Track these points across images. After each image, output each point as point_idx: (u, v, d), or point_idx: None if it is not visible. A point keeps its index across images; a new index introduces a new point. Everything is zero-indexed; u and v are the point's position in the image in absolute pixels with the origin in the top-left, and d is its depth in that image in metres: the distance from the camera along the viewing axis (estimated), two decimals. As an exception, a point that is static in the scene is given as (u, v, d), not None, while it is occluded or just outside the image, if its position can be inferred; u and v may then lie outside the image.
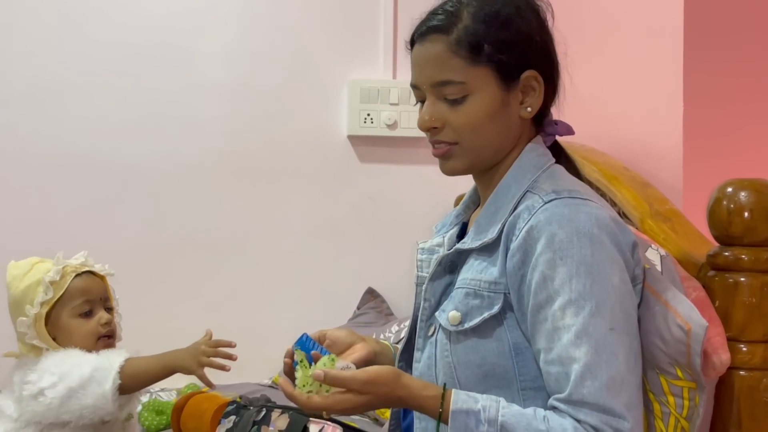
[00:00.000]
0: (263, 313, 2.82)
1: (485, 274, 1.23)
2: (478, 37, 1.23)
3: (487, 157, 1.29)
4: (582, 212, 1.18)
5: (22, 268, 1.65)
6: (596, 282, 1.15)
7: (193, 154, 2.80)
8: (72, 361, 1.57)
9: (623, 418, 1.11)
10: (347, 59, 2.86)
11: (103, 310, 1.65)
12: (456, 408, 1.15)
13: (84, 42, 2.75)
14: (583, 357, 1.12)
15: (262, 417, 1.38)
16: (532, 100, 1.27)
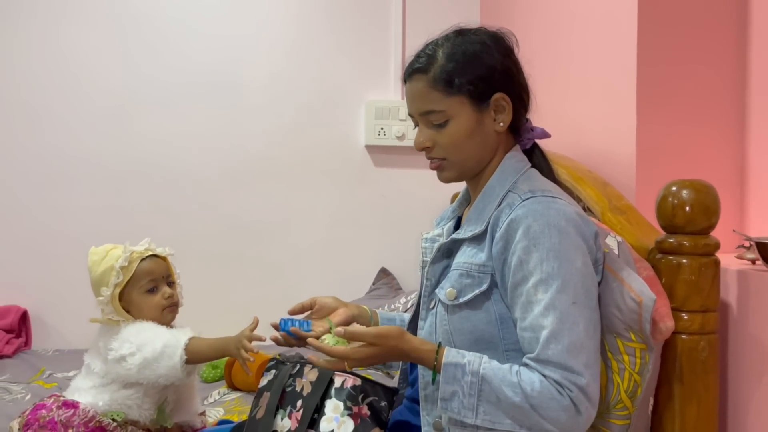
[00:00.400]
0: (296, 287, 2.82)
1: (475, 259, 1.23)
2: (450, 73, 1.24)
3: (471, 167, 1.29)
4: (552, 208, 1.18)
5: (99, 254, 1.64)
6: (562, 265, 1.14)
7: (241, 160, 2.80)
8: (147, 335, 1.56)
9: (581, 374, 1.11)
10: (365, 84, 2.84)
11: (165, 285, 1.64)
12: (447, 361, 1.16)
13: (155, 67, 2.75)
14: (549, 325, 1.12)
15: (296, 371, 1.38)
16: (503, 117, 1.27)
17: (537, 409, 1.11)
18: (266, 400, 1.36)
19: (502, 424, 1.14)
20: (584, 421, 1.13)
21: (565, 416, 1.11)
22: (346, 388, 1.31)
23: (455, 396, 1.15)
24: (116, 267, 1.59)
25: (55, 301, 2.68)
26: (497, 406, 1.14)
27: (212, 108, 2.78)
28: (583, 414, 1.12)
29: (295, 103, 2.82)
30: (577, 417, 1.12)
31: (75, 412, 1.57)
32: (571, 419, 1.12)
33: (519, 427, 1.14)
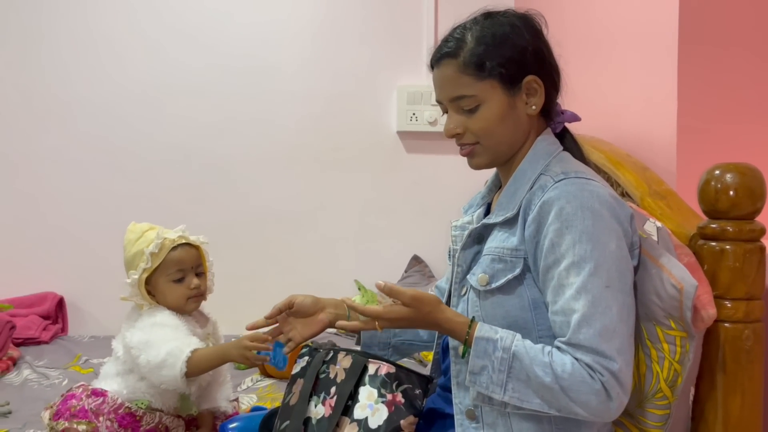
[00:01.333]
0: (329, 274, 2.84)
1: (507, 243, 1.22)
2: (480, 57, 1.22)
3: (504, 152, 1.28)
4: (586, 190, 1.17)
5: (135, 233, 1.65)
6: (595, 247, 1.13)
7: (274, 147, 2.82)
8: (155, 336, 1.56)
9: (613, 359, 1.10)
10: (396, 69, 2.83)
11: (193, 275, 1.64)
12: (479, 335, 1.16)
13: (186, 54, 2.77)
14: (581, 309, 1.12)
15: (330, 357, 1.38)
16: (535, 100, 1.25)
17: (567, 391, 1.11)
18: (300, 386, 1.37)
19: (530, 403, 1.14)
20: (615, 408, 1.12)
21: (596, 400, 1.10)
22: (380, 375, 1.32)
23: (485, 370, 1.15)
24: (147, 252, 1.60)
25: (91, 288, 2.74)
26: (527, 385, 1.13)
27: (243, 95, 2.79)
28: (615, 400, 1.11)
29: (326, 89, 2.82)
30: (608, 402, 1.11)
31: (104, 400, 1.60)
32: (602, 404, 1.11)
33: (548, 407, 1.13)
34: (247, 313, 2.75)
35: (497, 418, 1.21)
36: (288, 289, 2.81)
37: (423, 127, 2.82)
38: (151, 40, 2.75)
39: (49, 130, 2.75)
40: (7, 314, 2.51)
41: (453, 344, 1.27)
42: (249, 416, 1.63)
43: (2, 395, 2.04)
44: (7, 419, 1.88)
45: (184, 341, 1.56)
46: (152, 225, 1.68)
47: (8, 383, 2.18)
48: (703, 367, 1.29)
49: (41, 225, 2.74)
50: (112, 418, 1.58)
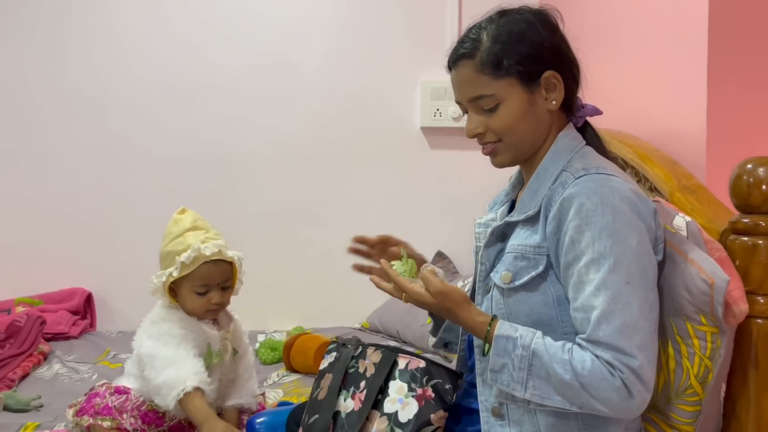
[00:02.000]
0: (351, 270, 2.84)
1: (530, 240, 1.22)
2: (497, 56, 1.22)
3: (526, 149, 1.28)
4: (606, 186, 1.16)
5: (178, 227, 1.63)
6: (615, 244, 1.13)
7: (296, 143, 2.83)
8: (160, 352, 1.54)
9: (633, 356, 1.10)
10: (420, 64, 2.83)
11: (218, 291, 1.62)
12: (498, 333, 1.18)
13: (211, 51, 2.79)
14: (600, 305, 1.11)
15: (359, 353, 1.39)
16: (555, 95, 1.25)
17: (587, 389, 1.11)
18: (328, 381, 1.38)
19: (552, 400, 1.14)
20: (637, 404, 1.12)
21: (617, 397, 1.10)
22: (410, 369, 1.33)
23: (505, 368, 1.16)
24: (178, 261, 1.58)
25: (118, 284, 2.78)
26: (547, 382, 1.14)
27: (267, 90, 2.81)
28: (636, 397, 1.11)
29: (350, 85, 2.83)
30: (629, 399, 1.10)
31: (127, 397, 1.61)
32: (623, 401, 1.10)
33: (569, 404, 1.14)
34: (270, 309, 2.82)
35: (523, 414, 1.21)
36: (311, 285, 2.88)
37: (447, 122, 2.81)
38: (176, 37, 2.78)
39: (76, 127, 2.79)
40: (37, 310, 2.56)
41: (477, 342, 1.27)
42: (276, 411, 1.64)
43: (34, 389, 2.08)
44: (38, 413, 1.92)
45: (183, 372, 1.52)
46: (197, 220, 1.65)
47: (39, 377, 2.22)
48: (735, 364, 1.28)
49: (70, 222, 2.78)
50: (136, 415, 1.59)
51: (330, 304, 2.83)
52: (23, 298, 2.67)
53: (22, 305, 2.61)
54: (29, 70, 2.75)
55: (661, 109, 1.91)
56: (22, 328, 2.34)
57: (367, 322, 2.72)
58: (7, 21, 2.74)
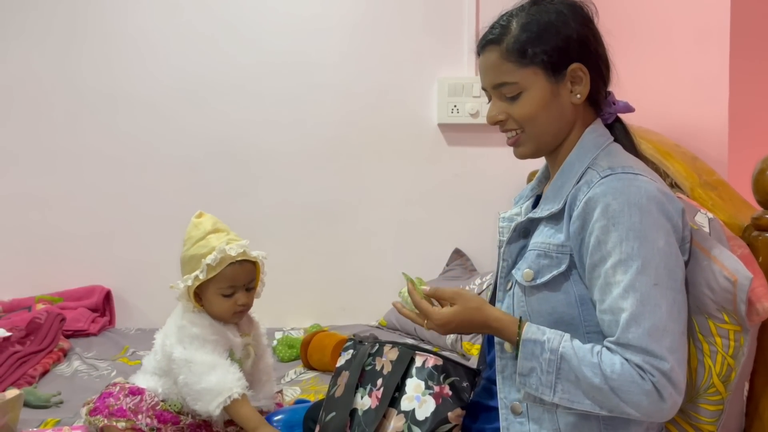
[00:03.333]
0: (370, 267, 2.84)
1: (553, 239, 1.22)
2: (523, 44, 1.22)
3: (547, 141, 1.27)
4: (633, 186, 1.15)
5: (200, 231, 1.63)
6: (643, 245, 1.12)
7: (315, 140, 2.83)
8: (199, 358, 1.55)
9: (664, 359, 1.09)
10: (437, 60, 2.82)
11: (243, 291, 1.63)
12: (526, 337, 1.17)
13: (228, 48, 2.80)
14: (629, 308, 1.10)
15: (376, 350, 1.40)
16: (580, 88, 1.24)
17: (617, 392, 1.10)
18: (345, 378, 1.38)
19: (581, 404, 1.14)
20: (668, 408, 1.11)
21: (647, 401, 1.09)
22: (427, 367, 1.32)
23: (533, 372, 1.16)
24: (203, 263, 1.58)
25: (137, 281, 2.80)
26: (576, 386, 1.13)
27: (284, 88, 2.81)
28: (667, 400, 1.10)
29: (366, 82, 2.83)
30: (660, 403, 1.09)
31: (142, 398, 1.62)
32: (654, 404, 1.09)
33: (599, 408, 1.13)
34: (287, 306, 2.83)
35: (543, 413, 1.21)
36: (329, 282, 2.88)
37: (464, 119, 2.80)
38: (191, 35, 2.79)
39: (92, 126, 2.80)
40: (57, 307, 2.59)
41: (498, 338, 1.27)
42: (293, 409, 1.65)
43: (54, 386, 2.11)
44: (58, 409, 1.94)
45: (228, 378, 1.54)
46: (217, 222, 1.66)
47: (59, 374, 2.25)
48: (758, 362, 1.26)
49: (89, 221, 2.81)
50: (152, 415, 1.60)
51: (347, 302, 2.84)
52: (43, 296, 2.71)
53: (42, 303, 2.64)
54: (43, 68, 2.78)
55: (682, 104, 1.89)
56: (42, 325, 2.37)
57: (384, 319, 2.72)
58: (21, 19, 2.76)
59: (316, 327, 2.63)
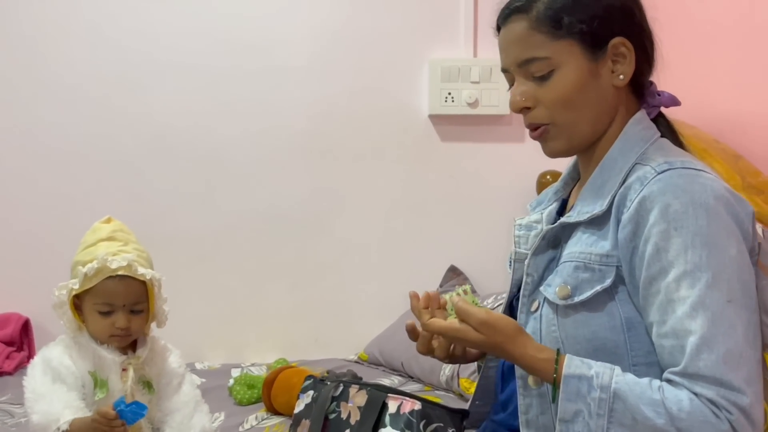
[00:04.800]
0: (348, 290, 2.83)
1: (596, 247, 1.20)
2: (557, 10, 1.21)
3: (585, 132, 1.26)
4: (697, 183, 1.14)
5: (93, 236, 1.68)
6: (712, 253, 1.10)
7: (280, 135, 2.82)
8: (30, 387, 1.61)
9: (742, 392, 1.07)
10: (427, 38, 2.82)
11: (124, 314, 1.63)
12: (569, 372, 1.13)
13: (174, 28, 2.78)
14: (699, 329, 1.08)
15: (340, 393, 1.38)
16: (623, 68, 1.23)
17: None
18: (306, 429, 1.36)
19: None
20: None
21: None
22: (403, 413, 1.31)
23: (579, 416, 1.12)
24: (81, 273, 1.61)
25: (63, 308, 2.76)
26: (633, 430, 1.10)
27: (245, 71, 2.80)
28: None
29: (342, 64, 2.82)
30: None
31: None
32: None
33: None
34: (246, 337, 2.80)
35: None
36: (298, 308, 2.86)
37: (461, 109, 2.80)
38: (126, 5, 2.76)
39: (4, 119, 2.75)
40: (-37, 340, 2.54)
41: (519, 373, 1.24)
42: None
43: (-42, 437, 2.06)
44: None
45: (52, 409, 1.57)
46: (118, 231, 1.69)
47: (-35, 423, 2.20)
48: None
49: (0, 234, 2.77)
50: None
51: (320, 331, 2.83)
52: (-53, 328, 2.66)
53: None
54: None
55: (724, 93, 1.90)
56: (-55, 363, 2.33)
57: (365, 352, 2.71)
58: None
59: (282, 362, 2.61)
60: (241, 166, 2.82)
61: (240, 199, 2.82)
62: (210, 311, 2.74)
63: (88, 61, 2.76)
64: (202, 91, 2.80)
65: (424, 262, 2.83)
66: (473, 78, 2.78)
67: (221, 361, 2.71)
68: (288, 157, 2.83)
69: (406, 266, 2.84)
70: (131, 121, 2.78)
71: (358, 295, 2.82)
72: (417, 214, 2.85)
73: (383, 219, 2.85)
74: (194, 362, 2.62)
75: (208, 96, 2.80)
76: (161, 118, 2.79)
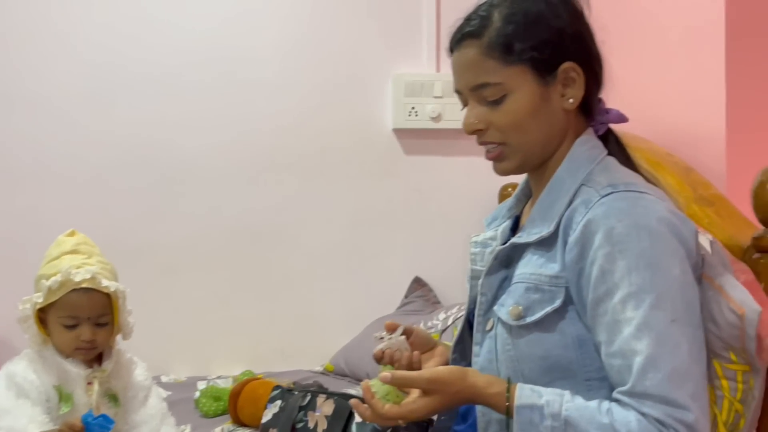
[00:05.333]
0: (314, 302, 2.83)
1: (545, 269, 1.22)
2: (508, 37, 1.23)
3: (536, 153, 1.28)
4: (639, 205, 1.17)
5: (57, 250, 1.68)
6: (656, 274, 1.13)
7: (245, 148, 2.81)
8: (2, 406, 1.58)
9: (687, 409, 1.09)
10: (391, 54, 2.84)
11: (89, 326, 1.63)
12: (520, 403, 1.15)
13: (139, 41, 2.77)
14: (645, 349, 1.10)
15: (307, 402, 1.39)
16: (573, 92, 1.25)
17: None
18: (273, 438, 1.37)
19: None
20: None
21: None
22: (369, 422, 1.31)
23: None
24: (44, 286, 1.61)
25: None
26: None
27: (209, 88, 2.79)
28: None
29: (307, 79, 2.83)
30: None
31: None
32: None
33: None
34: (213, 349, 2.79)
35: None
36: (263, 320, 2.86)
37: (424, 123, 2.83)
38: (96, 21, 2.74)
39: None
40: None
41: None
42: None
43: None
44: None
45: (17, 425, 1.55)
46: (82, 243, 1.69)
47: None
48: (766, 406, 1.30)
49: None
50: None
51: (286, 343, 2.82)
52: None
53: None
54: None
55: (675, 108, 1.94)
56: None
57: (331, 363, 2.71)
58: None
59: (248, 374, 2.60)
60: (206, 179, 2.81)
61: (206, 212, 2.81)
62: (176, 324, 2.72)
63: (54, 74, 2.73)
64: (168, 104, 2.78)
65: (389, 274, 2.85)
66: (436, 93, 2.81)
67: (187, 373, 2.70)
68: (253, 170, 2.82)
69: (371, 278, 2.85)
70: (97, 134, 2.75)
71: (324, 306, 2.82)
72: (382, 227, 2.86)
73: (348, 231, 2.85)
74: (160, 375, 2.60)
75: (174, 110, 2.78)
76: (127, 131, 2.76)
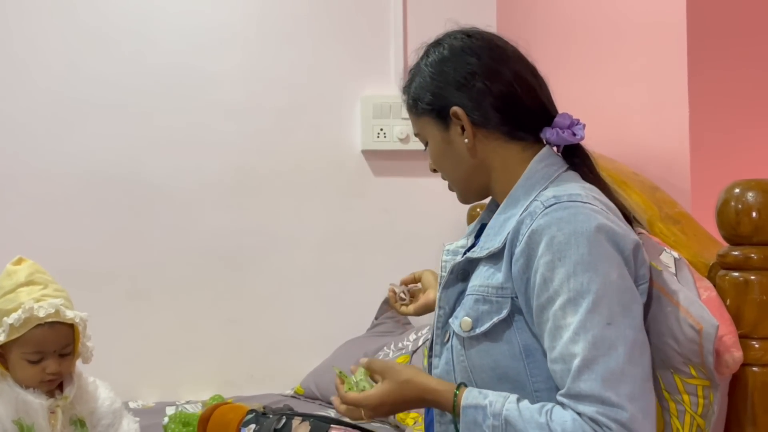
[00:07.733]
0: (282, 325, 2.82)
1: (492, 280, 1.26)
2: (413, 96, 1.40)
3: (469, 187, 1.41)
4: (581, 214, 1.20)
5: (10, 282, 1.64)
6: (593, 279, 1.16)
7: (212, 171, 2.82)
8: None
9: (622, 408, 1.11)
10: (359, 76, 2.87)
11: (54, 358, 1.62)
12: (466, 403, 1.21)
13: (105, 62, 2.77)
14: (581, 352, 1.14)
15: (282, 425, 1.39)
16: (467, 131, 1.34)
17: None
18: (248, 462, 1.37)
19: None
20: None
21: None
22: (346, 444, 1.33)
23: None
24: (6, 323, 1.58)
25: None
26: None
27: (176, 110, 2.79)
28: None
29: (275, 100, 2.84)
30: None
31: None
32: None
33: None
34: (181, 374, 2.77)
35: None
36: (232, 344, 2.85)
37: (393, 144, 2.85)
38: (63, 47, 2.74)
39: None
40: None
41: None
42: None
43: None
44: None
45: None
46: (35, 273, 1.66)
47: None
48: (730, 420, 1.32)
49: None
50: None
51: (255, 367, 2.81)
52: None
53: None
54: None
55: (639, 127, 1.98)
56: None
57: (302, 387, 2.70)
58: None
59: (218, 399, 2.58)
60: (173, 202, 2.80)
61: (173, 235, 2.80)
62: (143, 349, 2.70)
63: (20, 95, 2.72)
64: (135, 127, 2.77)
65: (358, 296, 2.85)
66: (404, 114, 2.77)
67: (155, 399, 2.67)
68: (221, 192, 2.82)
69: (341, 300, 2.85)
70: (63, 155, 2.74)
71: (294, 329, 2.82)
72: (352, 248, 2.87)
73: (317, 253, 2.86)
74: (128, 401, 2.57)
75: (141, 133, 2.78)
76: (93, 154, 2.75)
